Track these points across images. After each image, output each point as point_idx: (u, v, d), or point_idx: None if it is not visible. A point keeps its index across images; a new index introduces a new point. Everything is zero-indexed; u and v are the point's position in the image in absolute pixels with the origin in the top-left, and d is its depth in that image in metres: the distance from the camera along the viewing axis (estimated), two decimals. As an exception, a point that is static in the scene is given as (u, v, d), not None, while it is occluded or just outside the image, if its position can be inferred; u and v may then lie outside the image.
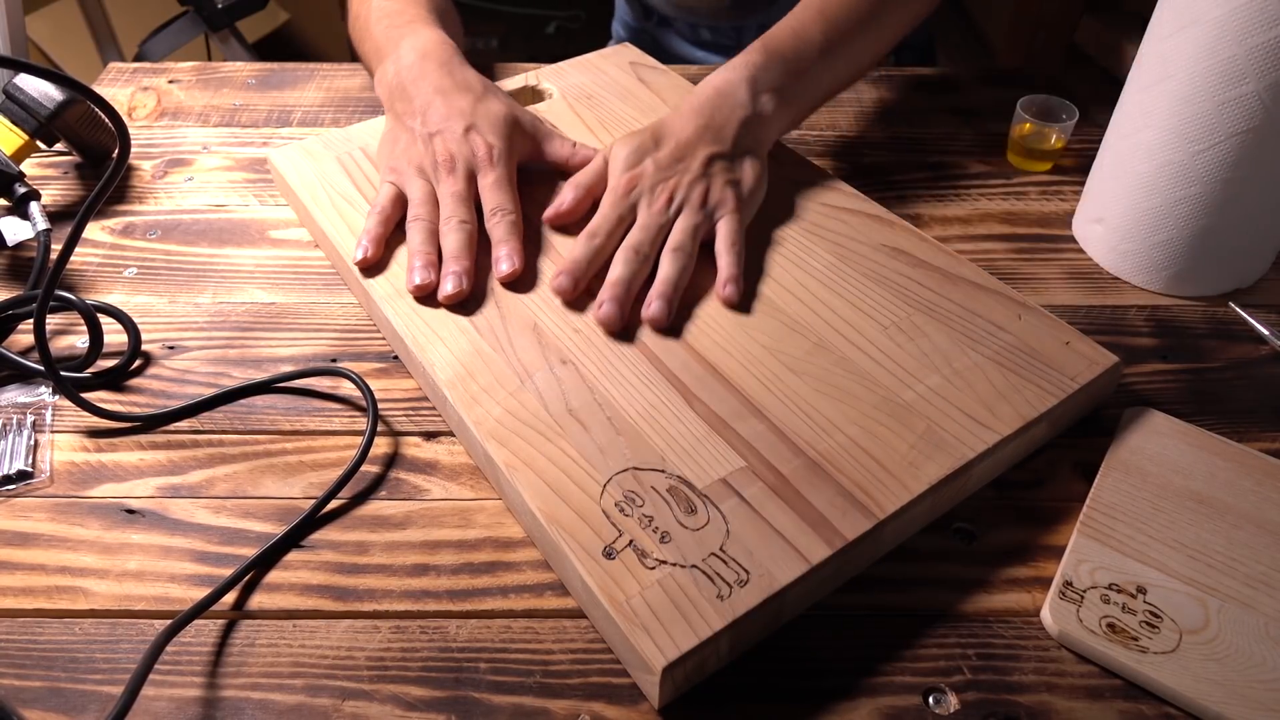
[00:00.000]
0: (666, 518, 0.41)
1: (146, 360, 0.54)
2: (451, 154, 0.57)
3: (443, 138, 0.58)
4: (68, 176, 0.70)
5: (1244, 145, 0.52)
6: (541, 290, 0.54)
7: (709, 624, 0.37)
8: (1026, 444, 0.48)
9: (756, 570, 0.39)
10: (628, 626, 0.37)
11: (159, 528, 0.45)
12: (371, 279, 0.54)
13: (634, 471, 0.43)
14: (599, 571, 0.39)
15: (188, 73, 0.82)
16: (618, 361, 0.49)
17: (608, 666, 0.40)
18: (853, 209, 0.59)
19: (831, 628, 0.42)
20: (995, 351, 0.49)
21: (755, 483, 0.43)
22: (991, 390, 0.47)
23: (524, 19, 2.47)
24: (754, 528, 0.41)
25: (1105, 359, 0.49)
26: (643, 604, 0.38)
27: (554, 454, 0.44)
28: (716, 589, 0.39)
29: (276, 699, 0.39)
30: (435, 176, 0.58)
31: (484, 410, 0.46)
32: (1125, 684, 0.40)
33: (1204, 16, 0.50)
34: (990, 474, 0.47)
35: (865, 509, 0.42)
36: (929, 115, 0.76)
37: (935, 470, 0.43)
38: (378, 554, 0.44)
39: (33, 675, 0.40)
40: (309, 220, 0.61)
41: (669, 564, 0.40)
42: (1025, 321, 0.51)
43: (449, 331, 0.51)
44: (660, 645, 0.37)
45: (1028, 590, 0.43)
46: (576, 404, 0.47)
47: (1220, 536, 0.44)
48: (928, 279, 0.54)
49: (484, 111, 0.59)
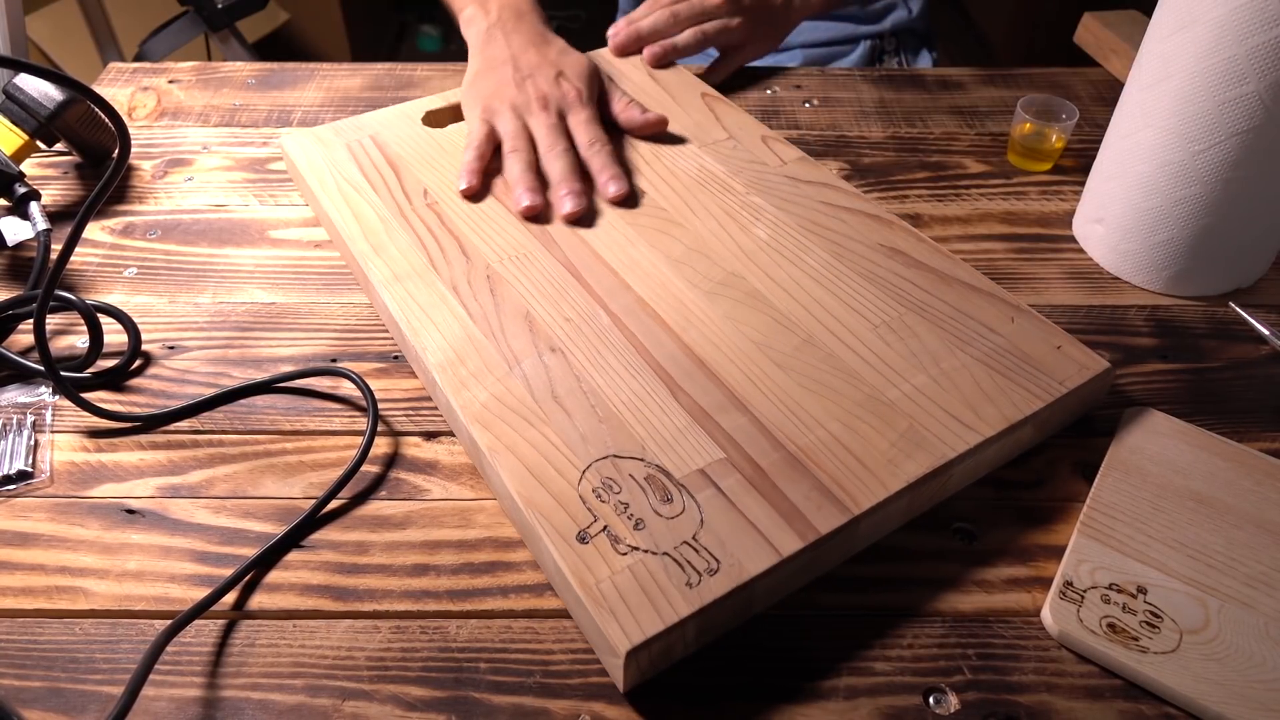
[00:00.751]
0: (642, 505, 0.42)
1: (146, 360, 0.54)
2: (545, 94, 0.65)
3: (534, 80, 0.65)
4: (68, 176, 0.70)
5: (1244, 145, 0.52)
6: (536, 278, 0.54)
7: (675, 610, 0.38)
8: (1012, 446, 0.48)
9: (727, 560, 0.40)
10: (595, 610, 0.38)
11: (159, 528, 0.45)
12: (373, 264, 0.54)
13: (614, 459, 0.44)
14: (571, 555, 0.40)
15: (188, 73, 0.82)
16: (606, 351, 0.50)
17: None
18: (852, 208, 0.59)
19: (832, 628, 0.42)
20: (984, 353, 0.49)
21: (733, 474, 0.43)
22: (978, 391, 0.47)
23: (524, 19, 2.47)
24: (728, 518, 0.41)
25: (1096, 364, 0.49)
26: (612, 588, 0.39)
27: (536, 439, 0.45)
28: (686, 576, 0.39)
29: (276, 699, 0.39)
30: (528, 113, 0.64)
31: (471, 395, 0.47)
32: (1125, 684, 0.40)
33: (1204, 16, 0.50)
34: (972, 475, 0.47)
35: (840, 504, 0.42)
36: (929, 115, 0.76)
37: (914, 468, 0.43)
38: (378, 554, 0.44)
39: (33, 675, 0.40)
40: (315, 204, 0.62)
41: (641, 550, 0.40)
42: (1018, 324, 0.51)
43: (443, 316, 0.51)
44: (626, 629, 0.37)
45: (1028, 590, 0.43)
46: (562, 391, 0.47)
47: (1220, 536, 0.44)
48: (922, 279, 0.54)
49: (570, 61, 0.68)
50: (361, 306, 0.58)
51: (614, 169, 0.61)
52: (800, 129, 0.74)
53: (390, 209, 0.59)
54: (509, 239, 0.57)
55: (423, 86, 0.79)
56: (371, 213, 0.58)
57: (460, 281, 0.54)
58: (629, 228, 0.58)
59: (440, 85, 0.79)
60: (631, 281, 0.54)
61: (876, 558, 0.45)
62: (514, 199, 0.59)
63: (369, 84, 0.80)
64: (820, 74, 0.81)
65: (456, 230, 0.57)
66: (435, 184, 0.61)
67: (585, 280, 0.54)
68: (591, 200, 0.60)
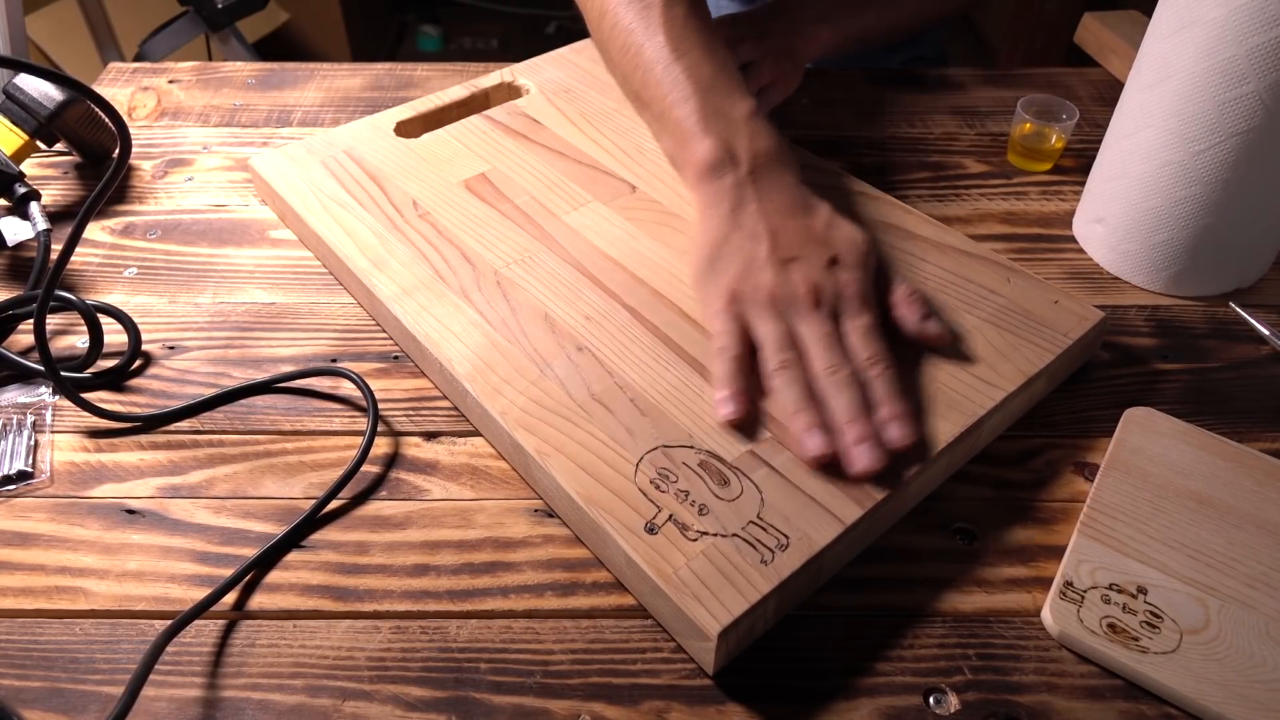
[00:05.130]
0: (702, 491, 0.43)
1: (146, 360, 0.54)
2: (817, 286, 0.49)
3: (802, 267, 0.49)
4: (68, 176, 0.70)
5: (1244, 145, 0.52)
6: (547, 279, 0.54)
7: (756, 589, 0.39)
8: (1028, 399, 0.50)
9: (795, 534, 0.41)
10: (679, 597, 0.39)
11: (159, 528, 0.45)
12: (377, 280, 0.54)
13: (664, 449, 0.45)
14: (644, 547, 0.40)
15: (188, 73, 0.82)
16: (632, 345, 0.50)
17: (608, 666, 0.40)
18: (839, 186, 0.61)
19: (831, 628, 0.42)
20: (990, 314, 0.52)
21: (782, 451, 0.45)
22: (992, 350, 0.50)
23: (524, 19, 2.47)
24: (786, 494, 0.43)
25: (1093, 314, 0.52)
26: (690, 574, 0.39)
27: (583, 438, 0.45)
28: (759, 555, 0.40)
29: (277, 699, 0.39)
30: (795, 314, 0.48)
31: (508, 400, 0.47)
32: (1126, 684, 0.40)
33: (1204, 17, 0.50)
34: (999, 429, 0.50)
35: (889, 469, 0.43)
36: (929, 115, 0.76)
37: (949, 429, 0.46)
38: (378, 554, 0.44)
39: (33, 675, 0.40)
40: (299, 224, 0.61)
41: (711, 534, 0.41)
42: (1014, 284, 0.54)
43: (461, 326, 0.51)
44: (713, 612, 0.38)
45: (1028, 590, 0.43)
46: (599, 389, 0.48)
47: (1221, 536, 0.44)
48: (919, 249, 0.56)
49: (844, 239, 0.51)
50: (362, 307, 0.58)
51: (899, 405, 0.45)
52: (800, 129, 0.74)
53: (383, 223, 0.58)
54: (510, 243, 0.57)
55: (422, 86, 0.79)
56: (364, 229, 0.58)
57: (471, 289, 0.53)
58: (628, 222, 0.58)
59: (440, 85, 0.79)
60: (643, 275, 0.54)
61: (877, 558, 0.45)
62: (794, 440, 0.45)
63: (369, 84, 0.80)
64: (820, 74, 0.81)
65: (455, 239, 0.57)
66: (423, 194, 0.60)
67: (596, 278, 0.54)
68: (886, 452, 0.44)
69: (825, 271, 0.49)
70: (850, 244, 0.51)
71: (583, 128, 0.67)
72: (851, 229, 0.52)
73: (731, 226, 0.51)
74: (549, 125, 0.67)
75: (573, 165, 0.63)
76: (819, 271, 0.49)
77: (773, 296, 0.48)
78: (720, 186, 0.52)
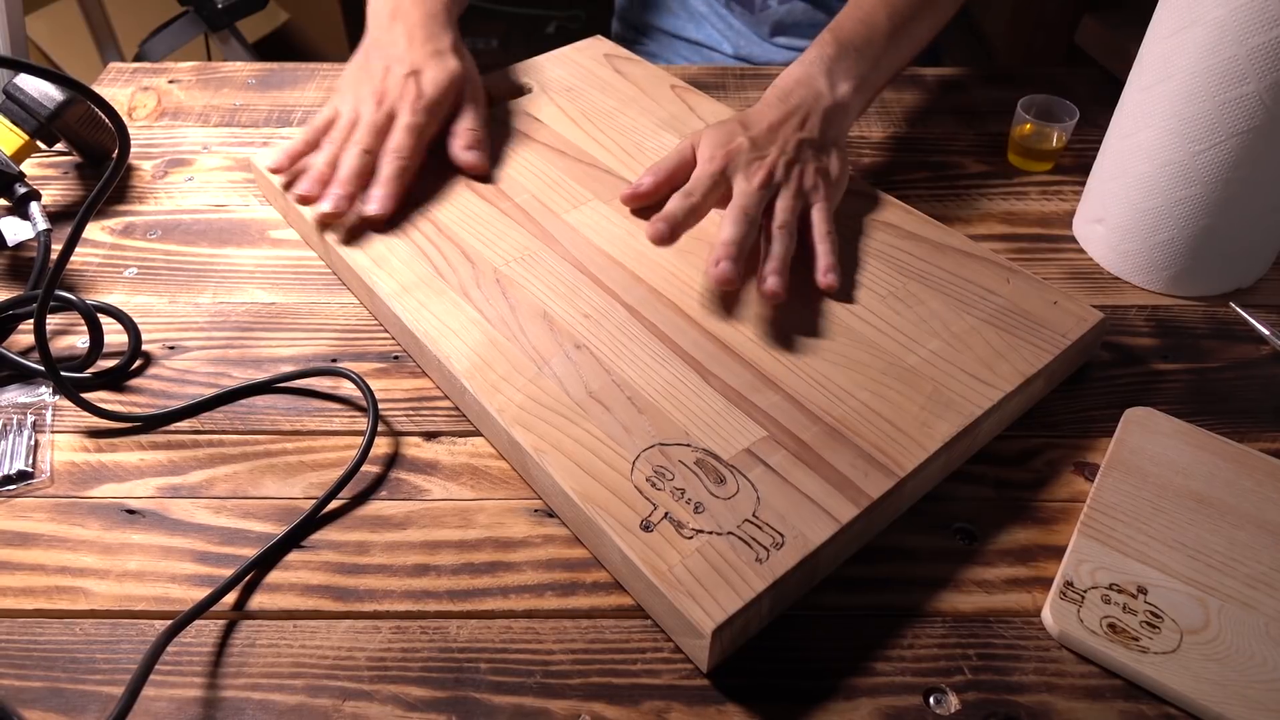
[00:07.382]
0: (698, 489, 0.43)
1: (147, 360, 0.54)
2: (386, 89, 0.60)
3: (388, 73, 0.61)
4: (68, 176, 0.70)
5: (1244, 145, 0.52)
6: (546, 277, 0.54)
7: (751, 586, 0.39)
8: (1026, 400, 0.50)
9: (790, 533, 0.41)
10: (673, 594, 0.39)
11: (159, 528, 0.45)
12: (377, 278, 0.54)
13: (660, 447, 0.45)
14: (639, 545, 0.41)
15: (188, 73, 0.82)
16: (630, 343, 0.50)
17: (608, 666, 0.40)
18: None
19: (832, 628, 0.42)
20: (989, 314, 0.52)
21: (778, 450, 0.45)
22: (990, 350, 0.50)
23: (524, 19, 2.47)
24: (783, 493, 0.43)
25: (1092, 315, 0.52)
26: (685, 572, 0.40)
27: (580, 435, 0.45)
28: (754, 553, 0.40)
29: (277, 699, 0.39)
30: (363, 104, 0.60)
31: (505, 398, 0.47)
32: (1126, 684, 0.40)
33: (1204, 17, 0.50)
34: (996, 428, 0.50)
35: (885, 469, 0.44)
36: (929, 115, 0.76)
37: (946, 429, 0.46)
38: (378, 554, 0.44)
39: (33, 675, 0.40)
40: (298, 220, 0.61)
41: (706, 532, 0.41)
42: (1014, 284, 0.54)
43: (460, 324, 0.51)
44: (707, 610, 0.38)
45: (1028, 590, 0.43)
46: (596, 386, 0.48)
47: (1221, 536, 0.44)
48: (918, 249, 0.56)
49: (436, 64, 0.62)
50: (361, 306, 0.58)
51: (390, 186, 0.57)
52: (800, 129, 0.74)
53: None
54: (510, 241, 0.57)
55: (423, 86, 0.79)
56: (364, 225, 0.58)
57: (470, 287, 0.53)
58: (627, 221, 0.58)
59: (440, 85, 0.79)
60: (641, 273, 0.55)
61: (877, 558, 0.45)
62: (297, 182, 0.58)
63: (369, 84, 0.80)
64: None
65: (455, 236, 0.57)
66: (423, 192, 0.60)
67: (595, 276, 0.54)
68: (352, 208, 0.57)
69: (402, 80, 0.61)
70: (438, 67, 0.62)
71: (584, 126, 0.67)
72: (453, 60, 0.63)
73: (367, 41, 0.64)
74: (550, 124, 0.67)
75: (573, 164, 0.63)
76: (396, 80, 0.61)
77: (358, 92, 0.61)
78: (374, 14, 0.65)
